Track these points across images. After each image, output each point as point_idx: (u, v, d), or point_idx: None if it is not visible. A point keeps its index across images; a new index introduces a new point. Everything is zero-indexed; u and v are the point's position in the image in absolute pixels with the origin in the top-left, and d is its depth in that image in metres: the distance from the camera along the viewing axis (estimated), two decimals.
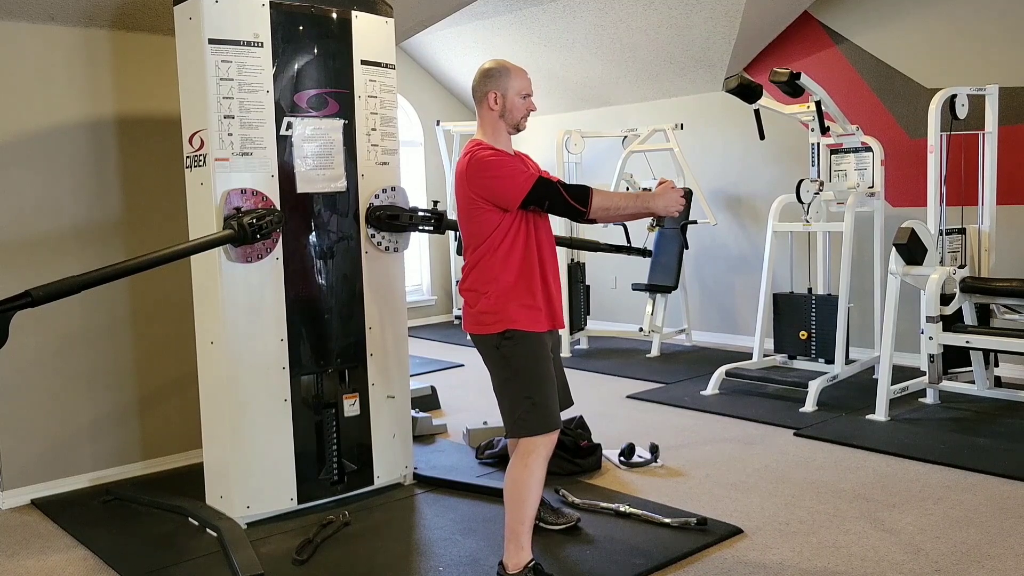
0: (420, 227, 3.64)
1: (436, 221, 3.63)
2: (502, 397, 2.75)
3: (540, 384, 2.69)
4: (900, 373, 5.09)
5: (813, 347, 5.41)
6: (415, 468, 3.85)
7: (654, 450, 4.07)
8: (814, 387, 4.91)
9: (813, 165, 5.35)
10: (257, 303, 3.30)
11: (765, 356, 5.61)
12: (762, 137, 5.39)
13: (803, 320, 5.44)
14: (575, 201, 2.66)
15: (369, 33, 3.52)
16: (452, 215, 3.38)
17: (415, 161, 8.67)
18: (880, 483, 3.69)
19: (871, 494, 3.56)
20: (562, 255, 6.66)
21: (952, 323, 4.51)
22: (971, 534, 3.12)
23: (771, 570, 2.88)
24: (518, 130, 2.78)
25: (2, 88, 3.70)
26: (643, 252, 4.34)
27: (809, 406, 4.86)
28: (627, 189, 6.95)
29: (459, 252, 9.20)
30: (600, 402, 5.30)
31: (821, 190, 5.23)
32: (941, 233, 4.67)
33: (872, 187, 5.33)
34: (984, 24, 5.49)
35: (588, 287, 6.93)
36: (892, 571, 2.85)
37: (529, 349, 2.69)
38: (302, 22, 3.33)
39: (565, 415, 4.21)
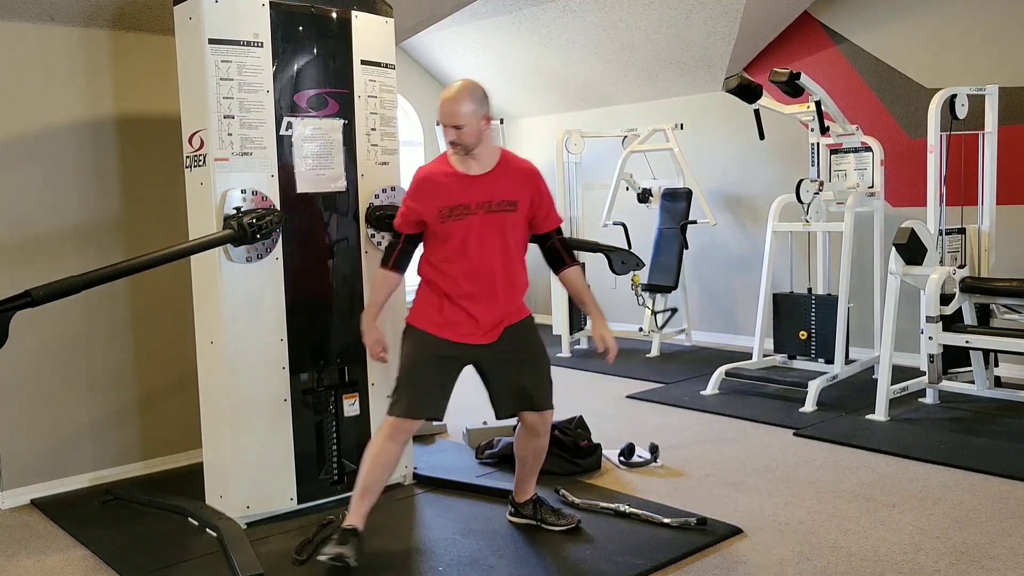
0: None
1: None
2: None
3: (409, 375, 2.94)
4: (900, 373, 5.09)
5: (813, 347, 5.41)
6: (415, 468, 3.85)
7: (654, 450, 4.07)
8: (814, 387, 4.91)
9: (813, 165, 5.35)
10: (257, 303, 3.30)
11: (765, 356, 5.61)
12: (762, 137, 5.39)
13: (803, 320, 5.44)
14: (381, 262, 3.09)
15: (369, 33, 3.52)
16: None
17: (415, 161, 8.67)
18: (880, 483, 3.69)
19: (871, 494, 3.56)
20: None
21: (952, 323, 4.51)
22: (971, 534, 3.12)
23: (771, 570, 2.88)
24: (456, 154, 2.95)
25: (2, 88, 3.70)
26: (636, 262, 4.25)
27: (809, 406, 4.86)
28: (627, 189, 6.96)
29: None
30: (600, 402, 5.30)
31: (821, 190, 5.23)
32: (941, 233, 4.67)
33: (872, 187, 5.33)
34: (984, 24, 5.49)
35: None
36: (892, 571, 2.85)
37: (413, 342, 2.97)
38: (302, 22, 3.33)
39: (565, 415, 4.23)
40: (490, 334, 2.96)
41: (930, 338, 4.42)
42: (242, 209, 3.19)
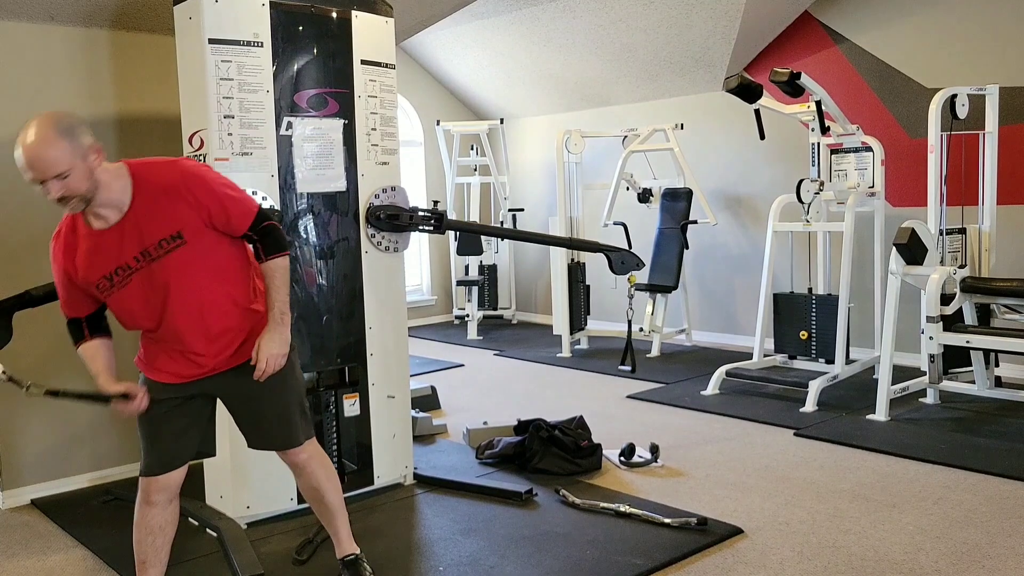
0: (420, 227, 3.63)
1: (436, 221, 3.63)
2: None
3: (140, 428, 2.53)
4: (900, 373, 5.09)
5: (813, 347, 5.41)
6: (415, 468, 3.85)
7: (654, 450, 4.07)
8: (814, 387, 4.91)
9: (813, 165, 5.35)
10: None
11: (765, 356, 5.61)
12: (762, 137, 5.39)
13: (803, 320, 5.44)
14: None
15: (369, 33, 3.52)
16: (452, 215, 3.38)
17: (415, 161, 8.67)
18: (880, 483, 3.69)
19: (871, 494, 3.56)
20: (562, 255, 6.66)
21: (952, 323, 4.51)
22: (971, 534, 3.12)
23: (771, 570, 2.88)
24: (73, 211, 2.29)
25: (2, 88, 3.70)
26: (636, 262, 4.25)
27: (809, 406, 4.86)
28: (627, 189, 6.96)
29: (460, 252, 9.17)
30: (600, 402, 5.30)
31: (821, 190, 5.23)
32: (941, 233, 4.67)
33: (872, 187, 5.33)
34: (984, 24, 5.49)
35: (588, 287, 6.93)
36: (892, 571, 2.85)
37: (141, 386, 2.51)
38: (302, 22, 3.33)
39: (565, 415, 4.24)
40: (220, 368, 2.50)
41: (931, 338, 4.42)
42: None
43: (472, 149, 8.40)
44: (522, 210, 8.34)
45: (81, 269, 2.34)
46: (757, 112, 5.32)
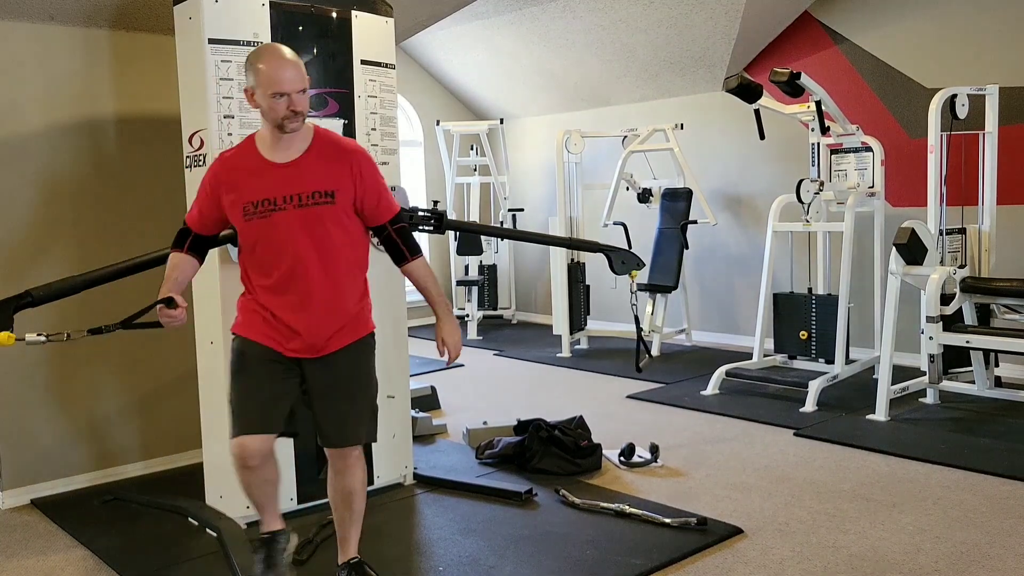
0: (420, 227, 3.63)
1: (436, 221, 3.63)
2: None
3: (233, 383, 2.57)
4: (900, 373, 5.09)
5: (813, 347, 5.41)
6: (415, 468, 3.85)
7: (654, 450, 4.07)
8: (814, 387, 4.91)
9: (813, 165, 5.35)
10: None
11: (765, 356, 5.61)
12: (762, 137, 5.39)
13: (803, 320, 5.44)
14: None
15: (369, 33, 3.52)
16: (452, 215, 3.37)
17: (415, 161, 8.67)
18: (880, 483, 3.69)
19: (871, 494, 3.56)
20: (562, 255, 6.67)
21: (952, 323, 4.51)
22: (971, 534, 3.12)
23: (771, 570, 2.88)
24: (284, 131, 2.44)
25: (2, 88, 3.70)
26: (636, 262, 4.24)
27: (809, 406, 4.86)
28: (627, 189, 6.96)
29: (459, 252, 9.15)
30: (600, 402, 5.30)
31: (821, 190, 5.23)
32: (941, 233, 4.66)
33: (872, 187, 5.33)
34: (984, 24, 5.49)
35: (588, 287, 6.93)
36: (892, 571, 2.85)
37: (234, 351, 2.58)
38: (302, 22, 3.33)
39: (565, 415, 4.24)
40: (317, 349, 2.54)
41: (930, 338, 4.42)
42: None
43: (472, 149, 8.40)
44: (522, 210, 8.34)
45: (235, 186, 2.47)
46: (757, 112, 5.32)
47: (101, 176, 3.96)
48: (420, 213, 3.62)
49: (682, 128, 6.72)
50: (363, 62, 3.50)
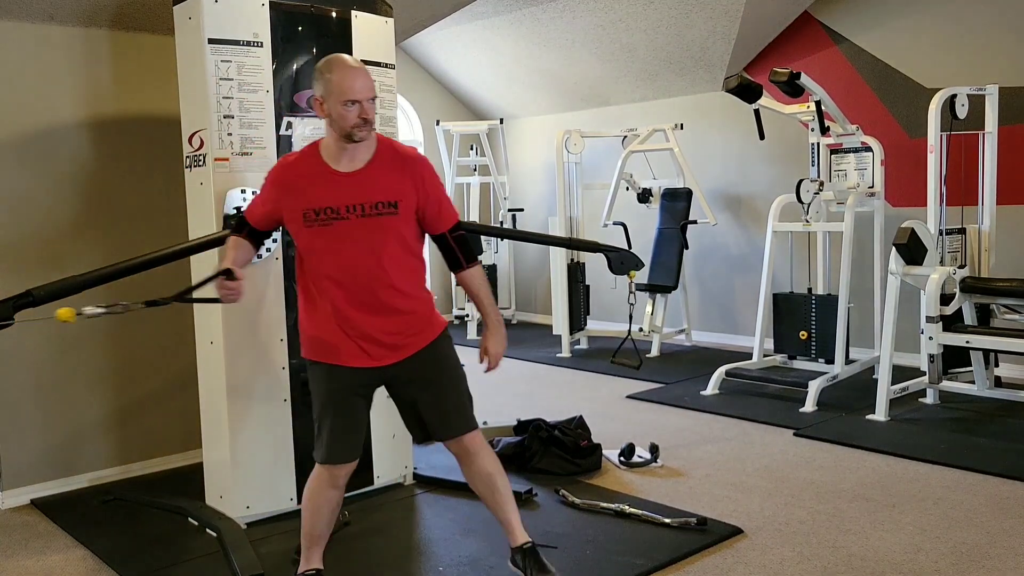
0: None
1: None
2: None
3: (322, 414, 2.60)
4: (900, 373, 5.09)
5: (813, 347, 5.41)
6: (415, 468, 3.85)
7: (654, 450, 4.07)
8: (814, 387, 4.91)
9: (813, 165, 5.35)
10: (257, 303, 3.29)
11: (765, 356, 5.61)
12: (762, 137, 5.39)
13: (803, 320, 5.44)
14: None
15: (369, 33, 3.52)
16: None
17: None
18: (880, 483, 3.69)
19: (871, 494, 3.56)
20: (562, 255, 6.67)
21: (952, 323, 4.51)
22: (971, 534, 3.12)
23: (771, 570, 2.88)
24: (353, 140, 2.46)
25: (2, 88, 3.70)
26: (636, 262, 4.24)
27: (809, 406, 4.86)
28: (627, 189, 6.96)
29: None
30: (600, 402, 5.30)
31: (821, 190, 5.23)
32: (941, 233, 4.67)
33: (872, 187, 5.33)
34: (984, 24, 5.49)
35: (588, 287, 6.93)
36: (892, 571, 2.85)
37: (314, 377, 2.63)
38: (302, 22, 3.33)
39: (565, 415, 4.23)
40: (387, 356, 2.57)
41: (930, 338, 4.42)
42: (242, 209, 3.18)
43: (472, 149, 8.40)
44: (522, 210, 8.34)
45: (297, 191, 2.50)
46: (757, 112, 5.32)
47: (101, 176, 3.95)
48: None
49: (682, 128, 6.72)
50: (363, 62, 3.48)
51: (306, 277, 2.58)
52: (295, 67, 3.32)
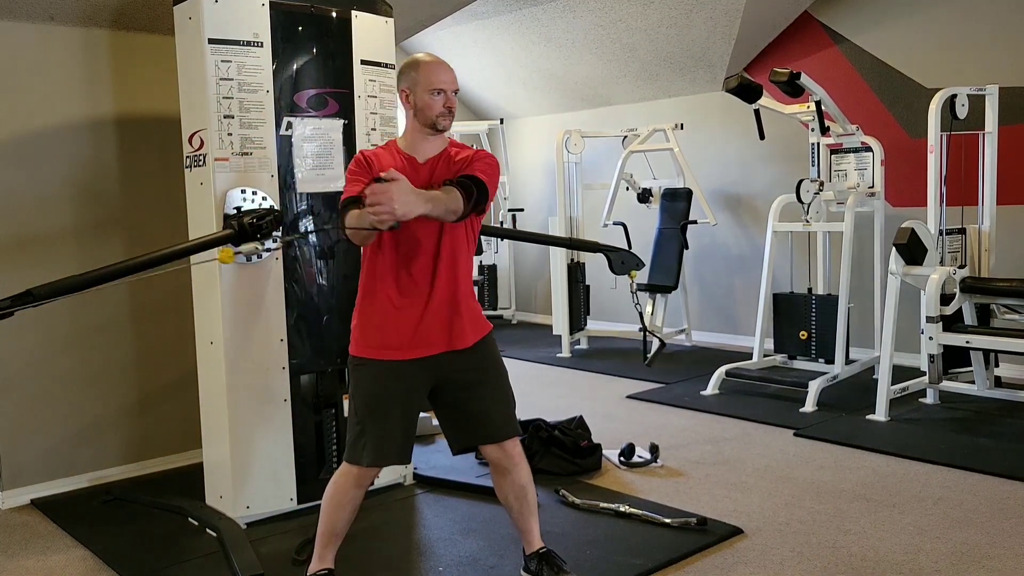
0: None
1: None
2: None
3: (368, 415, 2.58)
4: (900, 373, 5.09)
5: (813, 347, 5.41)
6: (415, 468, 3.85)
7: (654, 450, 4.07)
8: (814, 387, 4.91)
9: (813, 165, 5.35)
10: (257, 303, 3.29)
11: (765, 356, 5.61)
12: (762, 137, 5.39)
13: (803, 320, 5.44)
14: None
15: (369, 33, 3.52)
16: None
17: None
18: (880, 483, 3.69)
19: (871, 494, 3.56)
20: (562, 255, 6.66)
21: (952, 323, 4.51)
22: (971, 534, 3.12)
23: (771, 570, 2.88)
24: (437, 129, 2.56)
25: (2, 88, 3.70)
26: (636, 262, 4.23)
27: (809, 406, 4.86)
28: (627, 189, 6.96)
29: None
30: (600, 402, 5.30)
31: (821, 190, 5.23)
32: (941, 233, 4.67)
33: (872, 187, 5.33)
34: (984, 24, 5.49)
35: (588, 287, 6.93)
36: (892, 571, 2.85)
37: (362, 377, 2.61)
38: (302, 22, 3.33)
39: (565, 415, 4.23)
40: (442, 343, 2.58)
41: (930, 338, 4.42)
42: (242, 209, 3.19)
43: None
44: (522, 210, 8.34)
45: (379, 172, 2.48)
46: (757, 112, 5.32)
47: (101, 176, 3.95)
48: None
49: (682, 128, 6.72)
50: (363, 62, 3.50)
51: (374, 264, 2.57)
52: (295, 67, 3.32)
